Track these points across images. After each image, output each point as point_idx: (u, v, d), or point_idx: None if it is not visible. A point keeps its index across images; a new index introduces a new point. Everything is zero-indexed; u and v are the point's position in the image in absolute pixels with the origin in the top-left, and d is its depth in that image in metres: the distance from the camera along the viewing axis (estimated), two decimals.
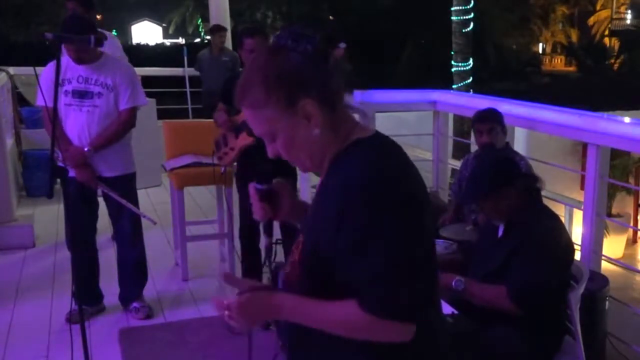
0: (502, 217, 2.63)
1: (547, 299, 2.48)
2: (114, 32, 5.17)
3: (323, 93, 1.34)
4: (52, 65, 3.52)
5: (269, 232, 1.67)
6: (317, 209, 1.40)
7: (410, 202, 1.31)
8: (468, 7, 9.93)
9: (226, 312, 1.38)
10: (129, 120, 3.66)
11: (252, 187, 1.59)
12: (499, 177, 2.60)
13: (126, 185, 3.74)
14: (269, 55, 1.37)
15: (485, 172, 2.73)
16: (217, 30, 8.21)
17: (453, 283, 2.55)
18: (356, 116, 1.45)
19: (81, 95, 3.54)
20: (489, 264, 2.62)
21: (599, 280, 3.19)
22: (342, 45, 3.66)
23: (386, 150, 1.38)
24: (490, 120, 3.76)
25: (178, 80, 9.14)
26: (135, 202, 3.81)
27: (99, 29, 4.72)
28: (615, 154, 5.18)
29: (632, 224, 9.71)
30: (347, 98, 1.41)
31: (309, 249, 1.38)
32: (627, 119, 3.68)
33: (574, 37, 33.86)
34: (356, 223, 1.27)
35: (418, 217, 1.32)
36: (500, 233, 2.67)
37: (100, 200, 3.83)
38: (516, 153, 3.86)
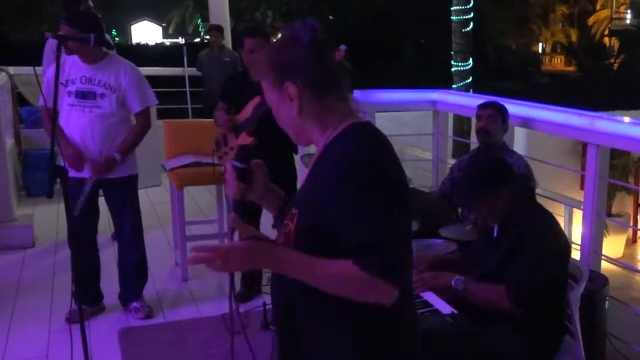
0: (496, 219, 2.63)
1: (546, 298, 2.48)
2: (113, 32, 5.14)
3: (309, 81, 1.50)
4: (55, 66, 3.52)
5: (237, 210, 1.67)
6: (315, 183, 1.53)
7: (399, 182, 1.48)
8: (468, 7, 9.94)
9: (219, 261, 1.41)
10: (146, 122, 3.71)
11: (230, 165, 1.66)
12: (492, 180, 2.61)
13: (128, 187, 3.75)
14: (281, 39, 1.57)
15: (478, 174, 2.73)
16: (211, 29, 8.29)
17: (453, 282, 2.56)
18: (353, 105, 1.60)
19: (84, 96, 3.54)
20: (485, 264, 2.62)
21: (599, 280, 3.19)
22: (343, 47, 3.68)
23: (378, 135, 1.54)
24: (494, 108, 3.78)
25: (178, 80, 9.13)
26: (136, 202, 3.81)
27: (107, 37, 4.78)
28: (615, 154, 5.18)
29: (632, 224, 9.71)
30: (344, 90, 1.56)
31: (308, 221, 1.49)
32: (627, 119, 3.68)
33: (574, 37, 33.85)
34: (353, 193, 1.41)
35: (405, 198, 1.48)
36: (495, 234, 2.67)
37: (101, 200, 3.82)
38: (513, 152, 3.86)
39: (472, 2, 9.98)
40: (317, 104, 1.52)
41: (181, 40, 39.33)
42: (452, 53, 10.26)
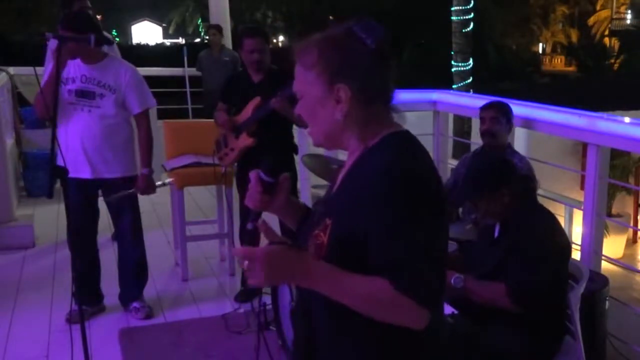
0: (496, 218, 2.64)
1: (545, 297, 2.47)
2: (113, 32, 5.15)
3: (365, 90, 1.41)
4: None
5: (255, 219, 1.58)
6: (351, 193, 1.41)
7: (440, 198, 1.39)
8: (468, 7, 9.94)
9: (246, 262, 1.32)
10: (148, 123, 3.73)
11: (256, 175, 1.56)
12: (493, 179, 2.61)
13: (128, 187, 3.74)
14: (341, 32, 1.43)
15: (480, 173, 2.74)
16: (210, 28, 8.30)
17: (452, 280, 2.55)
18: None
19: (84, 95, 3.54)
20: (486, 264, 2.62)
21: (599, 280, 3.19)
22: None
23: (419, 146, 1.44)
24: (496, 109, 3.77)
25: (178, 80, 9.13)
26: (136, 202, 3.81)
27: (105, 33, 4.80)
28: (615, 154, 5.18)
29: (632, 224, 9.70)
30: (391, 99, 1.47)
31: (342, 232, 1.39)
32: (627, 119, 3.68)
33: (574, 37, 33.88)
34: (394, 208, 1.32)
35: (444, 214, 1.40)
36: (496, 233, 2.67)
37: (100, 200, 3.82)
38: (516, 153, 3.86)
39: (472, 2, 9.98)
40: (364, 111, 1.42)
41: (181, 40, 39.36)
42: (452, 53, 10.26)
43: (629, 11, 35.19)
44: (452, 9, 10.07)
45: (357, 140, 1.45)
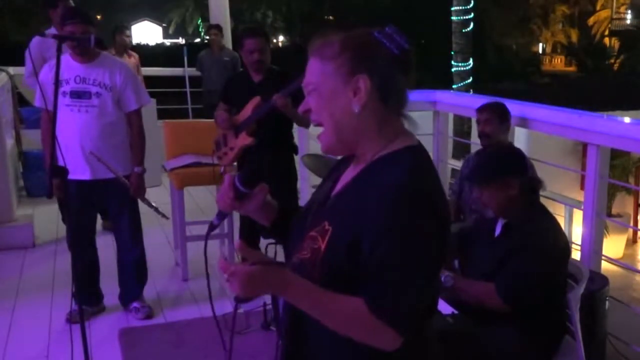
0: (497, 209, 2.62)
1: (543, 298, 2.47)
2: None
3: (383, 84, 1.39)
4: (48, 66, 3.50)
5: (220, 219, 1.60)
6: (356, 202, 1.38)
7: (444, 221, 1.37)
8: (468, 7, 9.94)
9: (225, 276, 1.32)
10: (140, 121, 3.72)
11: (230, 180, 1.53)
12: (506, 166, 2.61)
13: (126, 186, 3.74)
14: (365, 33, 1.41)
15: (495, 158, 2.74)
16: (210, 28, 8.32)
17: (442, 278, 2.54)
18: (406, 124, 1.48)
19: (79, 95, 3.52)
20: (485, 264, 2.61)
21: (599, 280, 3.20)
22: None
23: (431, 165, 1.43)
24: (489, 110, 3.77)
25: (178, 80, 9.14)
26: (134, 202, 3.80)
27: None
28: (615, 154, 5.19)
29: (632, 224, 9.72)
30: (404, 110, 1.46)
31: (342, 240, 1.36)
32: (627, 119, 3.69)
33: (574, 37, 33.88)
34: (395, 228, 1.30)
35: (445, 238, 1.37)
36: (497, 233, 2.66)
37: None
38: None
39: (472, 2, 9.98)
40: (380, 110, 1.40)
41: (181, 40, 39.37)
42: (452, 53, 10.27)
43: (629, 11, 35.22)
44: (452, 9, 10.06)
45: (370, 144, 1.42)
